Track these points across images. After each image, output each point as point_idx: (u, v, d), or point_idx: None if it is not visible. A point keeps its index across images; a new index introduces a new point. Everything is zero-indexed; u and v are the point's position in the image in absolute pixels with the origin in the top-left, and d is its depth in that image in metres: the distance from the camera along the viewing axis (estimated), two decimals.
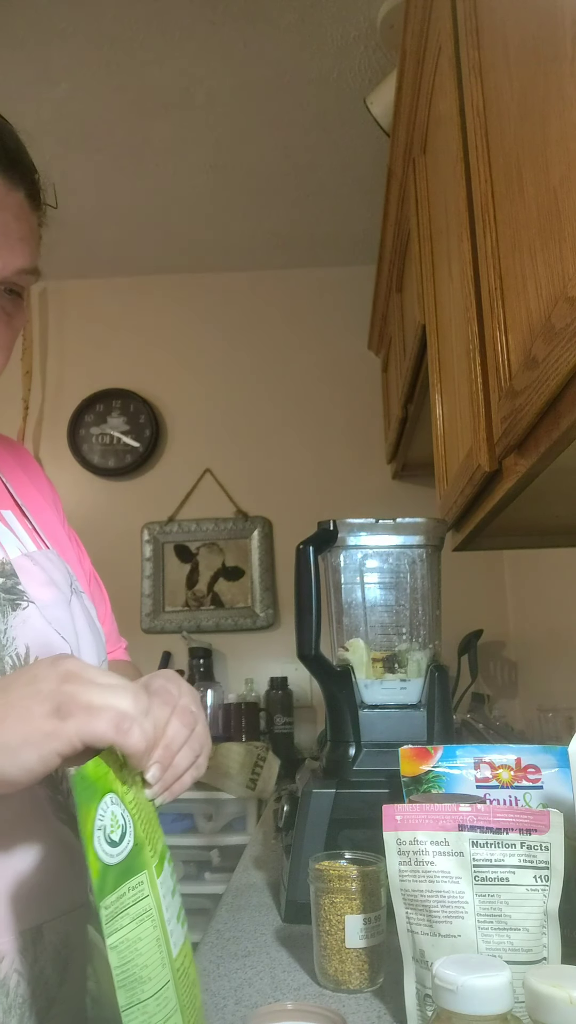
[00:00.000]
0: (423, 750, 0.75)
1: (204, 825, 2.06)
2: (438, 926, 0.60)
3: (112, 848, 0.48)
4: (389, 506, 2.50)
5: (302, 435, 2.77)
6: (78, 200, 2.42)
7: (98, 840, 0.47)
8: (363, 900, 0.73)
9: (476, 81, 0.94)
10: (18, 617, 0.65)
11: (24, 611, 0.66)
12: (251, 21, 1.78)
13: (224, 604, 2.69)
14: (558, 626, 2.00)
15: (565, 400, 0.69)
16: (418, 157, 1.51)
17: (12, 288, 0.75)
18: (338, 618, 1.11)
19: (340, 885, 0.74)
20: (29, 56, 1.82)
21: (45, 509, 0.88)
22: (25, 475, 0.90)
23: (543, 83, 0.67)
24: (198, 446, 2.78)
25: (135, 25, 1.78)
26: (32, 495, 0.87)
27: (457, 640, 2.31)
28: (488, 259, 0.89)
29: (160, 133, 2.15)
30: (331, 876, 0.75)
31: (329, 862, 0.78)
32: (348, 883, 0.74)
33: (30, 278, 0.76)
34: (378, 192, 2.04)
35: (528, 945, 0.59)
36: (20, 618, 0.65)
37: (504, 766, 0.73)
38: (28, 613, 0.66)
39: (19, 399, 2.77)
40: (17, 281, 0.74)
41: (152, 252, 2.76)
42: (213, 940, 0.89)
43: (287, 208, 2.52)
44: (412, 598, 1.11)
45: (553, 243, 0.65)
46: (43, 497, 0.90)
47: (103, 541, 2.45)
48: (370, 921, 0.73)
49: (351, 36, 1.82)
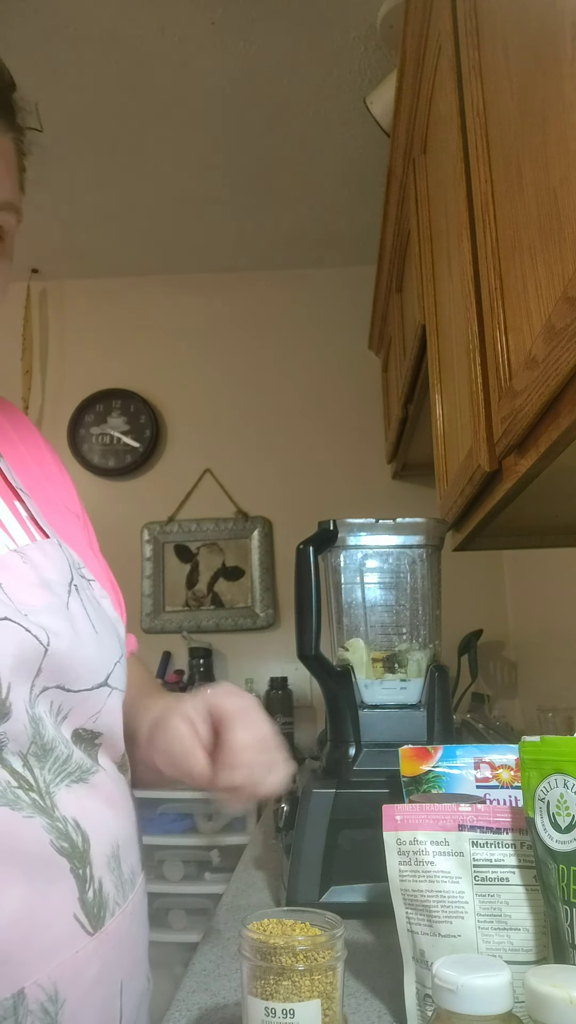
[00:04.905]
0: (423, 750, 0.75)
1: (204, 825, 2.06)
2: (438, 926, 0.60)
3: None
4: (389, 506, 2.50)
5: (302, 435, 2.77)
6: (78, 200, 2.42)
7: None
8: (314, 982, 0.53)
9: (476, 81, 0.94)
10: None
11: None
12: (251, 21, 1.78)
13: (224, 604, 2.69)
14: (558, 626, 2.00)
15: (565, 400, 0.69)
16: (418, 157, 1.51)
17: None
18: (338, 618, 1.11)
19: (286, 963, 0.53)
20: (29, 56, 1.82)
21: (45, 486, 0.78)
22: (25, 448, 0.79)
23: (543, 83, 0.67)
24: (198, 446, 2.78)
25: (135, 25, 1.78)
26: (32, 472, 0.77)
27: (457, 640, 2.32)
28: (488, 259, 0.89)
29: (160, 133, 2.15)
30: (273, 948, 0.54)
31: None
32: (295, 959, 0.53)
33: (6, 216, 0.64)
34: (378, 192, 2.04)
35: (528, 945, 0.59)
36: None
37: (504, 766, 0.73)
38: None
39: (19, 399, 2.77)
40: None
41: (152, 252, 2.76)
42: (213, 940, 0.89)
43: (287, 208, 2.52)
44: (412, 598, 1.11)
45: (553, 243, 0.65)
46: (44, 473, 0.79)
47: (103, 541, 2.43)
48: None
49: (351, 36, 1.82)
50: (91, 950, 0.57)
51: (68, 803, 0.59)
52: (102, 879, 0.60)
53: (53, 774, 0.59)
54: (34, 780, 0.57)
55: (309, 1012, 0.52)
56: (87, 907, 0.58)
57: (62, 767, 0.60)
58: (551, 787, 0.56)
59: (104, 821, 0.62)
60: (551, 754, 0.57)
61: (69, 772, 0.61)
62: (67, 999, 0.55)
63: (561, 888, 0.54)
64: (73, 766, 0.61)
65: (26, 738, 0.58)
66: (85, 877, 0.58)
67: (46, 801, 0.57)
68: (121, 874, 0.63)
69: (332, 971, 0.54)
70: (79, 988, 0.56)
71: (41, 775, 0.58)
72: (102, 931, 0.59)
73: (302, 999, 0.52)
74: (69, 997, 0.55)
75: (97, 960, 0.58)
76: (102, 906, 0.59)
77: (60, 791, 0.59)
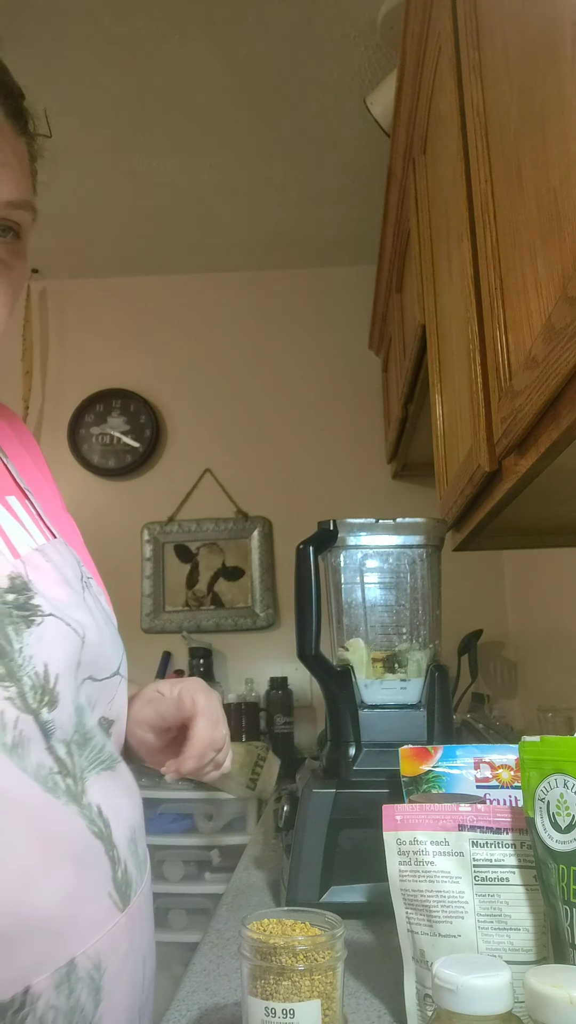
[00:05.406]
0: (423, 750, 0.75)
1: (204, 825, 2.06)
2: (438, 926, 0.60)
3: None
4: (389, 506, 2.50)
5: (302, 435, 2.77)
6: (78, 200, 2.42)
7: None
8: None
9: (476, 81, 0.94)
10: (33, 634, 0.61)
11: (39, 627, 0.61)
12: (251, 21, 1.78)
13: (224, 604, 2.69)
14: (558, 626, 2.00)
15: (565, 400, 0.69)
16: (418, 157, 1.51)
17: (7, 226, 0.67)
18: (338, 618, 1.11)
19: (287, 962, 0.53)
20: (29, 56, 1.82)
21: (44, 487, 0.82)
22: (26, 451, 0.83)
23: (543, 84, 0.67)
24: (198, 446, 2.78)
25: (135, 25, 1.78)
26: (34, 475, 0.81)
27: (457, 640, 2.32)
28: (488, 259, 0.89)
29: (160, 133, 2.15)
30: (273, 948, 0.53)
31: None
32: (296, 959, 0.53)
33: (23, 214, 0.68)
34: (378, 192, 2.04)
35: (528, 945, 0.59)
36: (35, 635, 0.61)
37: (504, 766, 0.73)
38: (44, 628, 0.62)
39: (19, 399, 2.77)
40: (9, 216, 0.67)
41: (152, 252, 2.76)
42: (213, 940, 0.89)
43: (287, 208, 2.52)
44: (412, 598, 1.11)
45: (553, 243, 0.65)
46: (43, 475, 0.84)
47: (103, 541, 2.44)
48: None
49: (351, 36, 1.82)
50: (123, 925, 0.63)
51: (95, 790, 0.63)
52: (126, 860, 0.65)
53: (88, 761, 0.64)
54: (72, 766, 0.62)
55: (309, 1012, 0.52)
56: (118, 886, 0.63)
57: (97, 755, 0.65)
58: (551, 787, 0.56)
59: (122, 807, 0.67)
60: (551, 754, 0.57)
61: (102, 760, 0.66)
62: (107, 968, 0.60)
63: (561, 888, 0.54)
64: (105, 755, 0.67)
65: (71, 727, 0.62)
66: (114, 859, 0.63)
67: (78, 787, 0.62)
68: (138, 856, 0.68)
69: (332, 971, 0.54)
70: (115, 959, 0.62)
71: (79, 763, 0.63)
72: (129, 908, 0.64)
73: (302, 999, 0.52)
74: (109, 967, 0.61)
75: (127, 935, 0.64)
76: (128, 885, 0.65)
77: (90, 778, 0.63)
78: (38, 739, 0.59)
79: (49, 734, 0.60)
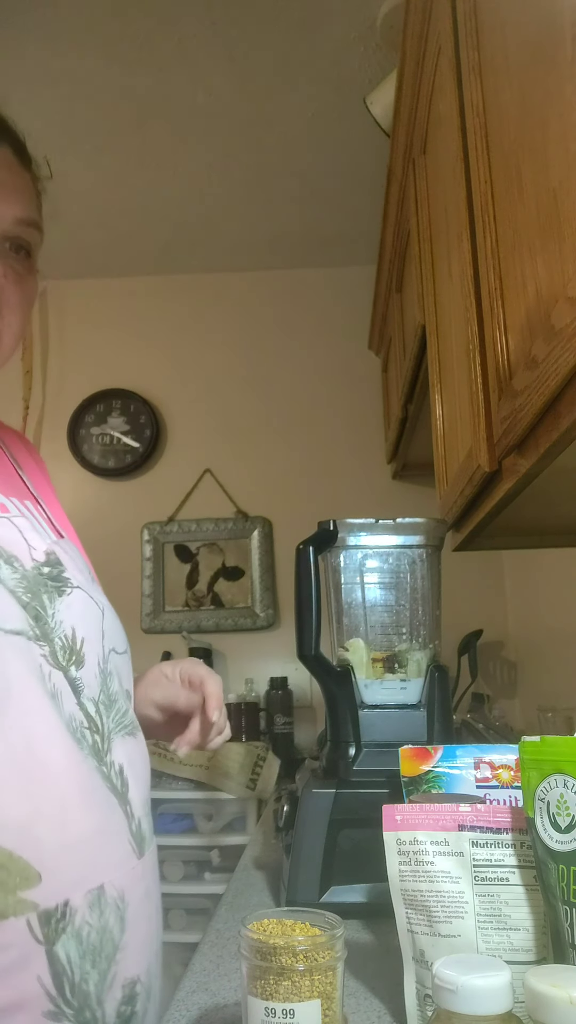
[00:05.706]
0: (423, 750, 0.75)
1: (204, 825, 2.06)
2: (438, 926, 0.60)
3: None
4: (389, 506, 2.50)
5: (302, 435, 2.77)
6: (78, 200, 2.42)
7: None
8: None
9: (476, 81, 0.94)
10: (64, 603, 0.71)
11: (69, 596, 0.72)
12: (251, 21, 1.78)
13: (224, 604, 2.69)
14: (557, 626, 2.00)
15: (565, 400, 0.69)
16: (418, 157, 1.51)
17: (19, 244, 0.75)
18: (338, 618, 1.11)
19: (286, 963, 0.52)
20: (29, 57, 1.82)
21: (45, 488, 0.90)
22: (35, 465, 0.92)
23: (543, 84, 0.67)
24: (198, 446, 2.78)
25: (136, 25, 1.78)
26: (43, 485, 0.90)
27: (457, 640, 2.32)
28: (488, 259, 0.89)
29: (160, 133, 2.15)
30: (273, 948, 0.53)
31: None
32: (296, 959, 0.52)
33: (33, 232, 0.77)
34: (378, 192, 2.04)
35: (528, 945, 0.59)
36: (65, 603, 0.71)
37: (504, 766, 0.73)
38: (73, 598, 0.72)
39: (19, 399, 2.77)
40: (21, 234, 0.75)
41: (152, 252, 2.76)
42: (213, 940, 0.89)
43: (287, 208, 2.52)
44: (412, 598, 1.11)
45: (553, 243, 0.65)
46: (50, 487, 0.92)
47: (103, 541, 2.45)
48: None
49: (351, 36, 1.82)
50: (140, 870, 0.71)
51: (119, 751, 0.72)
52: (140, 818, 0.73)
53: (114, 723, 0.72)
54: (101, 726, 0.70)
55: (309, 1012, 0.52)
56: (134, 836, 0.71)
57: (121, 719, 0.74)
58: (551, 787, 0.56)
59: (141, 771, 0.75)
60: (551, 754, 0.57)
61: (125, 725, 0.74)
62: (129, 903, 0.68)
63: (561, 888, 0.54)
64: (128, 719, 0.75)
65: (97, 687, 0.71)
66: (128, 814, 0.71)
67: (104, 745, 0.70)
68: (151, 819, 0.76)
69: (332, 971, 0.54)
70: (136, 897, 0.70)
71: (106, 723, 0.71)
72: (143, 858, 0.72)
73: (302, 999, 0.52)
74: (131, 902, 0.69)
75: (143, 881, 0.71)
76: (142, 839, 0.73)
77: (116, 739, 0.72)
78: (69, 694, 0.68)
79: (79, 691, 0.69)
